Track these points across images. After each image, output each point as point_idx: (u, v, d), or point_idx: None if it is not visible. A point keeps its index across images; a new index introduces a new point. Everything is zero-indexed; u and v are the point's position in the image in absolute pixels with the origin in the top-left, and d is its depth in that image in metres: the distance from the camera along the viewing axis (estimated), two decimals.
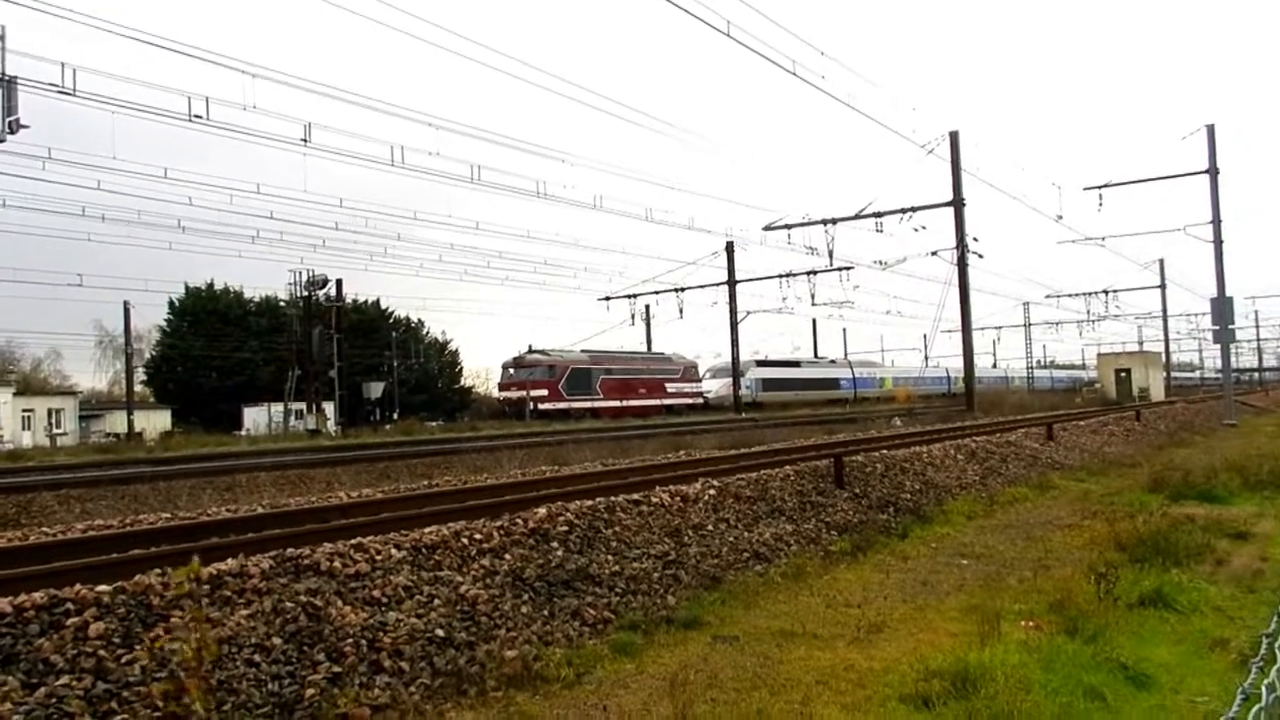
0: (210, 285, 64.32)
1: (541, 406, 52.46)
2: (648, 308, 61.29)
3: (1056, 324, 77.34)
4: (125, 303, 53.89)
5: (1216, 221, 32.14)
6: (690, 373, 65.98)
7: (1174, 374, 72.37)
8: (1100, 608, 6.80)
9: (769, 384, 64.95)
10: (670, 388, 62.85)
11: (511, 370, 57.09)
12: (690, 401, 62.71)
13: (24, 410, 56.26)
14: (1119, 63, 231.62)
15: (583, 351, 58.37)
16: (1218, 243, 32.09)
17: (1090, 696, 5.08)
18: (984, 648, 5.82)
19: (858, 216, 37.36)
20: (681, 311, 52.73)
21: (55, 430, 54.68)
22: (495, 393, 61.47)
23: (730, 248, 50.59)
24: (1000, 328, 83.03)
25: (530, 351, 57.32)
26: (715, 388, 63.99)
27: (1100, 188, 35.46)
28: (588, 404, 55.23)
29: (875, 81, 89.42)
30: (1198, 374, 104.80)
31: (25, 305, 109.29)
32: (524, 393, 53.49)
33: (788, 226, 39.44)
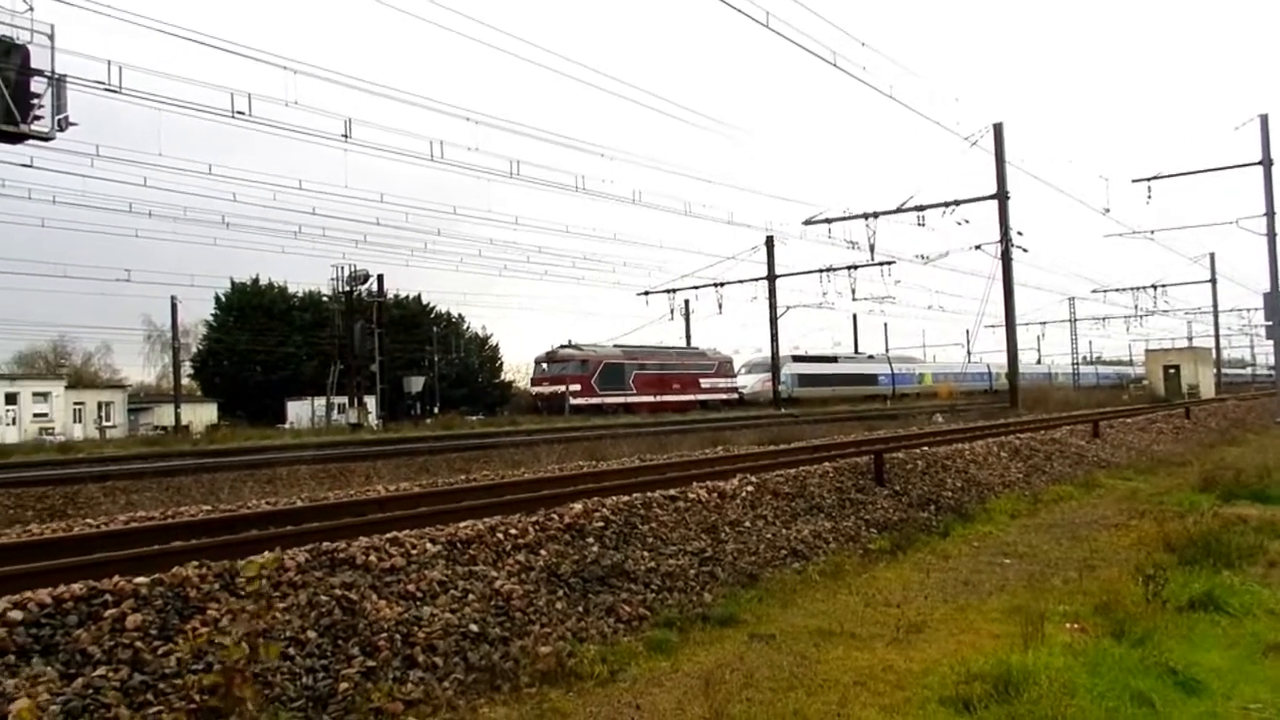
0: (255, 280, 65.29)
1: (574, 401, 52.32)
2: (687, 303, 61.18)
3: (1103, 319, 76.33)
4: (173, 298, 54.92)
5: (1270, 214, 31.34)
6: (725, 368, 65.53)
7: (1225, 371, 70.90)
8: (1148, 610, 6.62)
9: (805, 379, 64.34)
10: (705, 383, 62.46)
11: (544, 365, 56.85)
12: (725, 397, 62.25)
13: (75, 403, 57.51)
14: (1169, 51, 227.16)
15: (616, 346, 58.17)
16: (1271, 236, 31.29)
17: (1138, 702, 4.93)
18: (1027, 650, 5.68)
19: (899, 210, 36.99)
20: (721, 306, 52.65)
21: (105, 423, 55.82)
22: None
23: (770, 242, 50.35)
24: (1045, 323, 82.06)
25: (563, 346, 57.14)
26: (750, 383, 63.55)
27: (1149, 180, 34.76)
28: (620, 399, 54.97)
29: (917, 72, 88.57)
30: (1249, 371, 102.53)
31: (76, 300, 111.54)
32: (556, 388, 53.42)
33: (828, 221, 39.18)
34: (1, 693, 4.28)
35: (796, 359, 65.85)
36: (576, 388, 53.47)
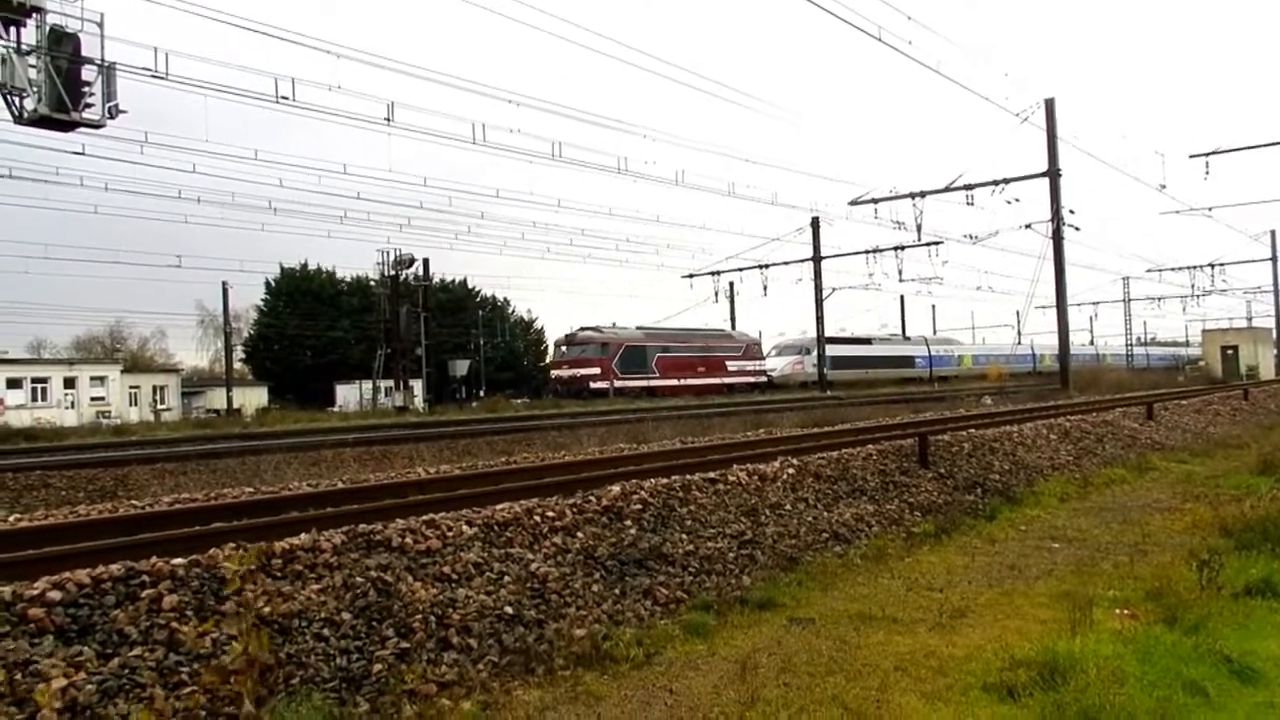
0: (304, 266, 66.15)
1: (593, 385, 51.30)
2: (731, 285, 60.39)
3: (1158, 299, 74.53)
4: (224, 283, 55.84)
5: None
6: (753, 350, 63.99)
7: None
8: (1202, 596, 6.41)
9: (838, 361, 62.69)
10: (731, 366, 60.80)
11: (564, 348, 55.79)
12: (752, 380, 60.46)
13: (131, 387, 58.70)
14: (1227, 21, 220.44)
15: (638, 328, 57.00)
16: None
17: (1190, 691, 4.76)
18: (1074, 637, 5.52)
19: (947, 189, 36.30)
20: (766, 288, 52.09)
21: (159, 406, 56.94)
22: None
23: (815, 223, 49.78)
24: (1098, 303, 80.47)
25: (583, 329, 55.79)
26: (779, 366, 62.39)
27: (1207, 155, 33.90)
28: (642, 383, 53.47)
29: (965, 47, 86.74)
30: None
31: (130, 286, 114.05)
32: (575, 371, 52.47)
33: (874, 201, 38.58)
34: (37, 671, 4.31)
35: (829, 340, 64.69)
36: (596, 371, 52.28)
